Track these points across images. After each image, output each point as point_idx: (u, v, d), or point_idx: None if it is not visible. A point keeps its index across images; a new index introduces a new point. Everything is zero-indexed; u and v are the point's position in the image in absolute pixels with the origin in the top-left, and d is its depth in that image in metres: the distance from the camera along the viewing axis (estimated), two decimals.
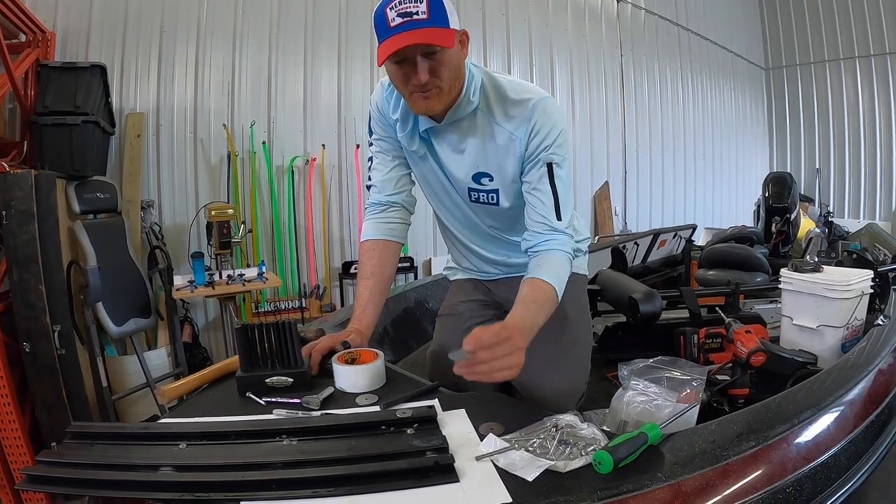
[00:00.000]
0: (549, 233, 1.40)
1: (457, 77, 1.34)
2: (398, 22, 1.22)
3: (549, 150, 1.38)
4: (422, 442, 0.99)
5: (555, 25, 6.27)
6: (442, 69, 1.28)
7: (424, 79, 1.27)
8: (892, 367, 1.48)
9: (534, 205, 1.42)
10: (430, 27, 1.22)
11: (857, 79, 8.44)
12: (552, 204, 1.40)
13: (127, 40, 3.95)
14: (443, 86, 1.31)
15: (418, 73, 1.26)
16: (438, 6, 1.23)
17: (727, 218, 7.99)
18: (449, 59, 1.29)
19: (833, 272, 1.95)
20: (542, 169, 1.40)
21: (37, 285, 2.69)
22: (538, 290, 1.33)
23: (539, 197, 1.41)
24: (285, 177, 4.52)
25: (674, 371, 1.49)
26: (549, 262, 1.38)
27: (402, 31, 1.22)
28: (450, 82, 1.32)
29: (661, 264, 4.20)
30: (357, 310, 1.54)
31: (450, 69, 1.30)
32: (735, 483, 0.96)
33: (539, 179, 1.40)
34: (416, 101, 1.34)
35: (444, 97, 1.33)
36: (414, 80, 1.28)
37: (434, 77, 1.28)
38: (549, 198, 1.40)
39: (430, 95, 1.31)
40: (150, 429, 1.10)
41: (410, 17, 1.21)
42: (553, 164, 1.39)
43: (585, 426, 1.04)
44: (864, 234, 3.73)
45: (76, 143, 3.24)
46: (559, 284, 1.35)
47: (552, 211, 1.40)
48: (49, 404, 2.73)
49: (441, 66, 1.28)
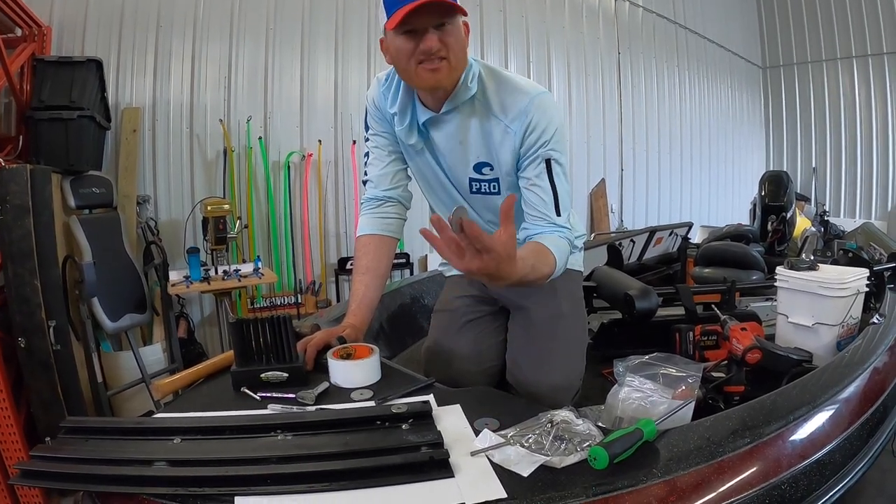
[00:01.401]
0: (548, 225, 1.41)
1: (462, 57, 1.33)
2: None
3: (546, 146, 1.38)
4: (417, 437, 0.99)
5: (552, 22, 6.27)
6: (451, 41, 1.29)
7: (435, 44, 1.26)
8: (886, 365, 1.49)
9: (533, 202, 1.41)
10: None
11: (854, 78, 8.47)
12: (552, 201, 1.40)
13: (123, 35, 3.94)
14: (450, 57, 1.30)
15: (429, 39, 1.26)
16: None
17: (723, 216, 8.01)
18: (457, 32, 1.30)
19: (829, 270, 1.95)
20: (540, 165, 1.39)
21: (32, 280, 2.68)
22: (539, 251, 1.32)
23: (538, 193, 1.40)
24: (281, 172, 4.51)
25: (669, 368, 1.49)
26: (552, 238, 1.38)
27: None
28: (456, 57, 1.31)
29: (658, 261, 4.20)
30: (352, 305, 1.54)
31: (458, 43, 1.30)
32: (730, 479, 0.96)
33: (538, 176, 1.40)
34: (422, 75, 1.32)
35: (452, 71, 1.32)
36: (423, 46, 1.27)
37: (443, 45, 1.28)
38: (549, 195, 1.40)
39: (438, 67, 1.30)
40: (144, 423, 1.09)
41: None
42: (552, 161, 1.39)
43: (581, 422, 1.04)
44: (859, 233, 3.74)
45: (72, 138, 3.23)
46: (560, 258, 1.36)
47: (552, 207, 1.40)
48: (44, 400, 2.72)
49: (450, 37, 1.28)
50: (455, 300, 1.79)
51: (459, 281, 1.82)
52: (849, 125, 8.58)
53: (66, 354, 2.80)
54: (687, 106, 8.01)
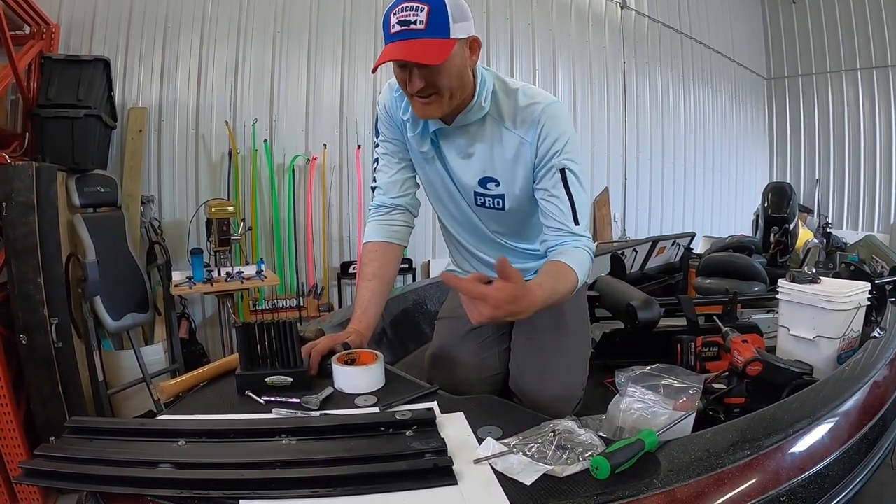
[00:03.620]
0: (567, 235, 1.41)
1: (460, 85, 1.33)
2: (397, 29, 1.23)
3: (560, 155, 1.39)
4: (420, 444, 0.99)
5: (558, 30, 6.28)
6: (438, 78, 1.29)
7: (418, 86, 1.28)
8: (887, 379, 1.49)
9: (551, 212, 1.42)
10: (426, 38, 1.22)
11: (858, 90, 8.48)
12: (569, 210, 1.40)
13: (131, 34, 3.95)
14: (441, 93, 1.31)
15: (414, 81, 1.28)
16: (439, 15, 1.23)
17: (726, 227, 8.02)
18: (447, 68, 1.28)
19: (830, 284, 1.96)
20: (555, 175, 1.40)
21: (35, 277, 2.69)
22: (559, 270, 1.33)
23: (556, 203, 1.41)
24: (286, 175, 4.52)
25: (671, 379, 1.49)
26: (571, 252, 1.38)
27: (398, 41, 1.23)
28: (450, 90, 1.32)
29: (660, 271, 4.21)
30: (357, 311, 1.54)
31: (448, 77, 1.30)
32: (729, 491, 0.97)
33: (554, 186, 1.40)
34: (416, 106, 1.36)
35: (444, 104, 1.34)
36: (409, 88, 1.31)
37: (430, 85, 1.29)
38: (566, 204, 1.40)
39: (429, 102, 1.32)
40: (149, 425, 1.10)
41: (408, 25, 1.22)
42: (566, 170, 1.39)
43: (583, 432, 1.04)
44: (862, 245, 3.74)
45: (78, 137, 3.24)
46: (581, 271, 1.36)
47: (570, 217, 1.40)
48: (44, 397, 2.73)
49: (437, 76, 1.28)
50: (459, 308, 1.78)
51: None
52: (852, 137, 8.58)
53: (67, 352, 2.81)
54: (691, 115, 8.02)
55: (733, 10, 8.80)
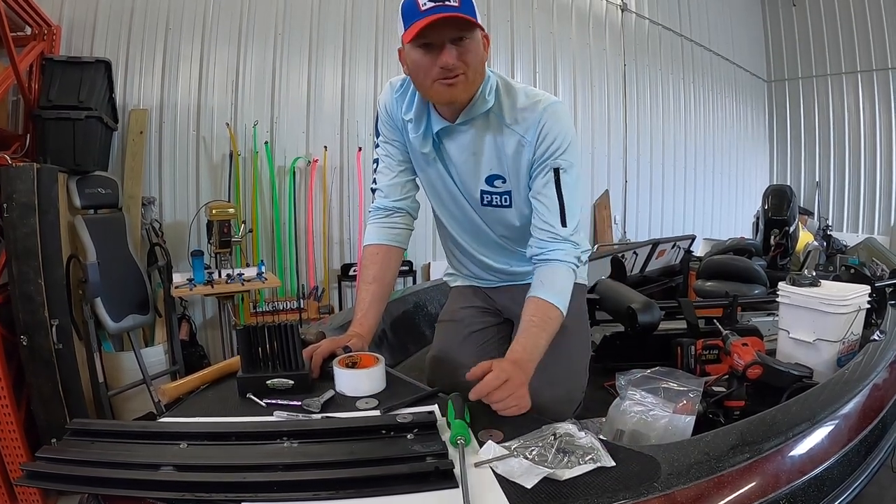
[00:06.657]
0: (552, 241, 1.41)
1: (479, 71, 1.35)
2: (430, 6, 1.23)
3: (555, 155, 1.39)
4: (422, 447, 0.99)
5: (559, 33, 6.29)
6: (469, 56, 1.30)
7: (452, 60, 1.28)
8: (886, 382, 1.50)
9: (539, 211, 1.43)
10: (460, 13, 1.24)
11: (858, 93, 8.48)
12: (557, 210, 1.41)
13: (132, 36, 3.95)
14: (468, 73, 1.31)
15: (446, 54, 1.27)
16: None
17: (726, 229, 8.01)
18: (476, 48, 1.30)
19: (830, 287, 1.96)
20: (548, 175, 1.40)
21: (36, 279, 2.69)
22: (541, 311, 1.34)
23: (545, 203, 1.42)
24: (287, 177, 4.52)
25: (671, 382, 1.50)
26: (552, 277, 1.39)
27: (435, 13, 1.23)
28: (474, 72, 1.33)
29: (660, 274, 4.22)
30: (358, 314, 1.54)
31: (476, 55, 1.31)
32: (729, 494, 0.97)
33: (545, 185, 1.41)
34: (438, 90, 1.34)
35: (469, 86, 1.34)
36: (440, 62, 1.28)
37: (461, 61, 1.29)
38: (555, 204, 1.41)
39: (454, 83, 1.31)
40: (150, 427, 1.10)
41: (443, 1, 1.23)
42: (560, 170, 1.40)
43: (583, 435, 1.05)
44: (862, 248, 3.75)
45: (79, 138, 3.24)
46: (563, 302, 1.37)
47: (557, 218, 1.41)
48: (45, 398, 2.73)
49: (468, 53, 1.29)
50: (460, 311, 1.79)
51: (464, 291, 1.83)
52: (853, 139, 8.59)
53: (67, 353, 2.81)
54: (692, 118, 8.03)
55: (733, 13, 8.81)
